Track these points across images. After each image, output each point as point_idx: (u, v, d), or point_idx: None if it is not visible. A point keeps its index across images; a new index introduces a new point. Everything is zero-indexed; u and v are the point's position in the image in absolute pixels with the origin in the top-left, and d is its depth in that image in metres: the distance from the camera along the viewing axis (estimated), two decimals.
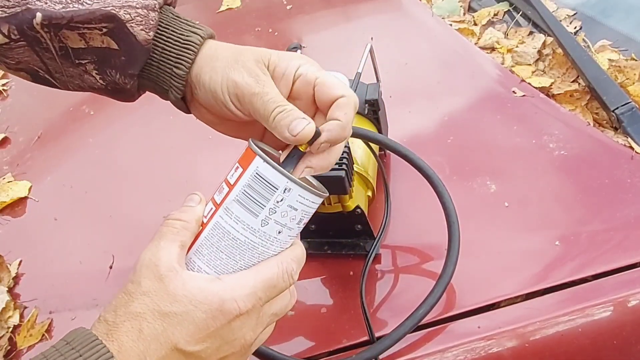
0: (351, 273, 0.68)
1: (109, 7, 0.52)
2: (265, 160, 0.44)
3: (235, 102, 0.51)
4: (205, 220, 0.47)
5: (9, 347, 0.73)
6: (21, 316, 0.76)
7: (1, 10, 0.52)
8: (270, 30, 1.19)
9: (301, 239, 0.71)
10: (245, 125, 0.55)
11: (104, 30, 0.53)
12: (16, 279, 0.81)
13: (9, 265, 0.82)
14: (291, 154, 0.48)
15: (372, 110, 0.74)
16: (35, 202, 0.94)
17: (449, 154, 0.80)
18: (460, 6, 1.16)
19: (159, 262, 0.44)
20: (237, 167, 0.46)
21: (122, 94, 0.58)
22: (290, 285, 0.48)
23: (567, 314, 0.60)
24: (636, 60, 0.90)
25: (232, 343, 0.45)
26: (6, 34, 0.52)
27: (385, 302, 0.65)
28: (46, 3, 0.52)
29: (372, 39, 1.05)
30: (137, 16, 0.54)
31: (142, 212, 0.71)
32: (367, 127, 0.75)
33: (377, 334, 0.61)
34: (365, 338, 0.61)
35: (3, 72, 1.34)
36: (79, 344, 0.41)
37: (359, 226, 0.68)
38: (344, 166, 0.61)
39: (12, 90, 1.27)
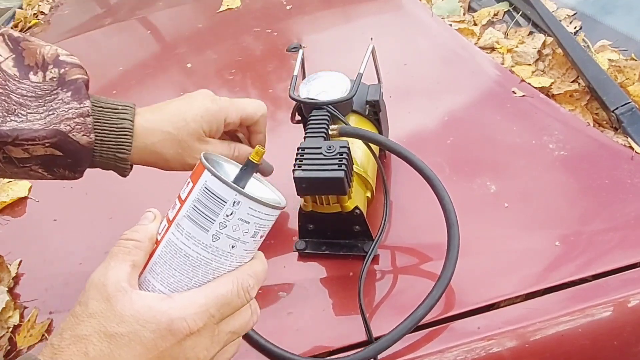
0: (351, 274, 0.68)
1: (50, 125, 0.57)
2: (213, 174, 0.44)
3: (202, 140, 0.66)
4: (159, 238, 0.47)
5: (9, 347, 0.73)
6: (21, 316, 0.76)
7: None
8: (270, 31, 1.19)
9: (300, 239, 0.71)
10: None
11: (47, 144, 0.58)
12: (16, 279, 0.81)
13: (9, 265, 0.82)
14: (245, 167, 0.47)
15: (372, 111, 0.74)
16: (35, 202, 0.94)
17: (449, 154, 0.81)
18: (460, 6, 1.16)
19: (107, 282, 0.44)
20: (189, 182, 0.46)
21: (71, 179, 0.64)
22: (247, 302, 0.47)
23: (567, 314, 0.60)
24: (636, 60, 0.90)
25: None
26: None
27: (384, 302, 0.65)
28: None
29: (372, 39, 1.05)
30: (77, 125, 0.59)
31: (142, 213, 0.71)
32: (368, 127, 0.75)
33: (375, 335, 0.61)
34: (365, 339, 0.61)
35: None
36: None
37: (358, 227, 0.68)
38: (343, 167, 0.61)
39: None
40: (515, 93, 0.87)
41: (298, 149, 0.64)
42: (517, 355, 0.59)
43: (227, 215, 0.44)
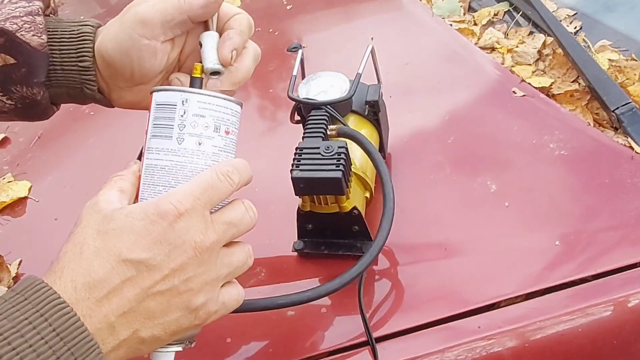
0: None
1: None
2: (158, 90, 0.49)
3: (145, 28, 0.53)
4: (140, 172, 0.50)
5: None
6: None
7: None
8: (270, 30, 1.19)
9: (298, 239, 0.71)
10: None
11: None
12: (16, 279, 0.81)
13: (9, 265, 0.82)
14: (193, 82, 0.51)
15: (372, 111, 0.74)
16: (36, 202, 0.94)
17: (450, 154, 0.80)
18: (460, 6, 1.16)
19: (98, 201, 0.46)
20: (147, 115, 0.50)
21: (34, 109, 0.58)
22: (231, 186, 0.47)
23: (567, 314, 0.60)
24: (636, 60, 0.90)
25: (182, 247, 0.44)
26: None
27: (383, 302, 0.65)
28: None
29: (372, 39, 1.05)
30: (24, 24, 0.54)
31: None
32: (367, 128, 0.75)
33: (375, 335, 0.61)
34: (364, 339, 0.61)
35: None
36: (21, 287, 0.41)
37: (356, 227, 0.68)
38: (340, 167, 0.61)
39: None
40: (515, 93, 0.87)
41: (296, 149, 0.64)
42: (518, 354, 0.59)
43: (181, 116, 0.48)
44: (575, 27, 1.02)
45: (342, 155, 0.62)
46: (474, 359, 0.59)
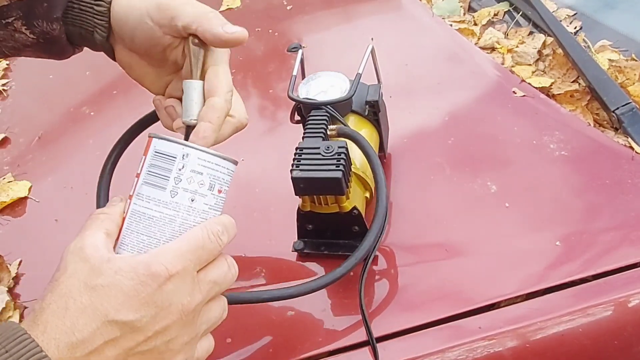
0: (350, 273, 0.68)
1: None
2: (160, 138, 0.48)
3: (159, 15, 0.53)
4: (125, 215, 0.49)
5: None
6: (21, 316, 0.76)
7: None
8: (270, 31, 1.19)
9: (298, 239, 0.71)
10: (159, 68, 0.58)
11: None
12: (16, 279, 0.81)
13: (9, 265, 0.82)
14: (186, 134, 0.51)
15: (372, 111, 0.74)
16: (36, 202, 0.94)
17: (450, 155, 0.80)
18: (460, 6, 1.16)
19: (84, 246, 0.45)
20: (141, 158, 0.49)
21: (54, 45, 0.59)
22: (220, 247, 0.47)
23: (567, 314, 0.60)
24: (636, 61, 0.90)
25: (169, 309, 0.44)
26: None
27: (383, 302, 0.65)
28: None
29: (372, 39, 1.05)
30: None
31: None
32: (367, 128, 0.75)
33: (375, 335, 0.61)
34: (364, 339, 0.61)
35: (3, 72, 1.35)
36: (2, 338, 0.40)
37: (356, 227, 0.68)
38: (340, 167, 0.61)
39: (12, 90, 1.27)
40: (515, 93, 0.87)
41: (296, 149, 0.64)
42: (518, 354, 0.59)
43: (179, 170, 0.47)
44: (575, 27, 1.02)
45: (342, 155, 0.61)
46: (474, 359, 0.59)
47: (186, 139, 0.51)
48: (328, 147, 0.62)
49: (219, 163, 0.48)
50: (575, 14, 1.05)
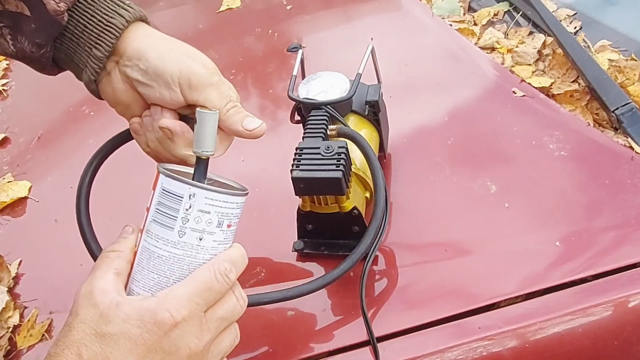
0: (351, 274, 0.68)
1: None
2: (167, 175, 0.47)
3: (183, 86, 0.55)
4: (136, 249, 0.49)
5: (9, 347, 0.73)
6: (21, 316, 0.76)
7: None
8: (270, 31, 1.19)
9: (298, 239, 0.71)
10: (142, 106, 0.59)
11: None
12: (16, 279, 0.81)
13: (9, 265, 0.82)
14: (197, 166, 0.49)
15: (372, 111, 0.74)
16: (35, 202, 0.94)
17: (450, 155, 0.80)
18: (460, 6, 1.16)
19: (94, 290, 0.46)
20: (151, 192, 0.48)
21: (34, 63, 0.58)
22: (228, 285, 0.48)
23: (567, 314, 0.60)
24: (636, 61, 0.90)
25: (176, 354, 0.45)
26: None
27: (382, 303, 0.65)
28: None
29: (372, 39, 1.05)
30: None
31: (142, 213, 0.71)
32: (367, 128, 0.75)
33: (375, 335, 0.61)
34: (365, 338, 0.61)
35: (3, 72, 1.35)
36: None
37: (356, 227, 0.68)
38: (340, 167, 0.61)
39: (12, 90, 1.27)
40: (515, 93, 0.87)
41: (296, 149, 0.64)
42: (518, 355, 0.59)
43: (186, 210, 0.46)
44: (575, 27, 1.02)
45: (342, 155, 0.61)
46: (474, 359, 0.59)
47: (196, 171, 0.49)
48: (328, 147, 0.62)
49: (227, 200, 0.47)
50: (575, 14, 1.05)
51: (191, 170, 0.50)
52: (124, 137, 0.66)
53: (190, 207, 0.46)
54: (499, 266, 0.66)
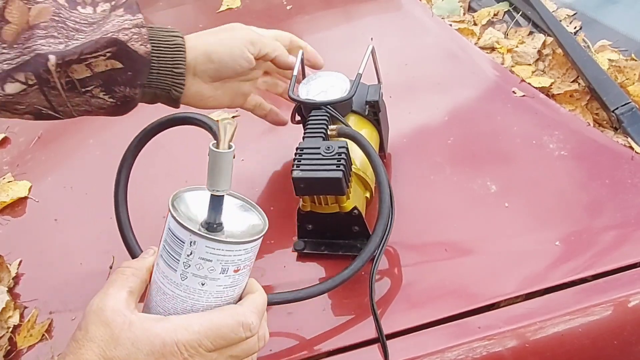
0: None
1: (108, 34, 0.59)
2: (173, 216, 0.45)
3: (251, 48, 0.69)
4: (151, 271, 0.49)
5: (9, 347, 0.73)
6: (21, 316, 0.76)
7: (6, 63, 0.56)
8: None
9: (298, 239, 0.71)
10: (236, 87, 0.73)
11: (108, 55, 0.59)
12: (16, 279, 0.81)
13: (9, 265, 0.82)
14: (211, 204, 0.47)
15: (372, 111, 0.74)
16: (35, 202, 0.94)
17: (450, 155, 0.80)
18: (460, 6, 1.16)
19: (105, 307, 0.46)
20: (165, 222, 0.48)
21: (128, 105, 0.65)
22: (246, 338, 0.47)
23: (567, 314, 0.60)
24: (636, 60, 0.90)
25: None
26: (24, 81, 0.57)
27: (382, 302, 0.65)
28: (50, 45, 0.57)
29: (372, 39, 1.05)
30: (133, 35, 0.61)
31: (142, 213, 0.71)
32: (368, 128, 0.75)
33: (374, 334, 0.61)
34: (365, 338, 0.61)
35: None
36: None
37: (356, 227, 0.67)
38: (341, 167, 0.61)
39: None
40: (515, 93, 0.87)
41: (297, 149, 0.64)
42: (518, 354, 0.59)
43: (187, 255, 0.45)
44: (575, 27, 1.02)
45: (343, 155, 0.61)
46: (474, 359, 0.59)
47: (209, 209, 0.47)
48: (328, 147, 0.62)
49: (231, 249, 0.46)
50: (575, 14, 1.05)
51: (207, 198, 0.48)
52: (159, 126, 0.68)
53: (191, 253, 0.45)
54: (499, 266, 0.66)
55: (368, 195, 0.72)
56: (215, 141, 0.46)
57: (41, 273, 0.82)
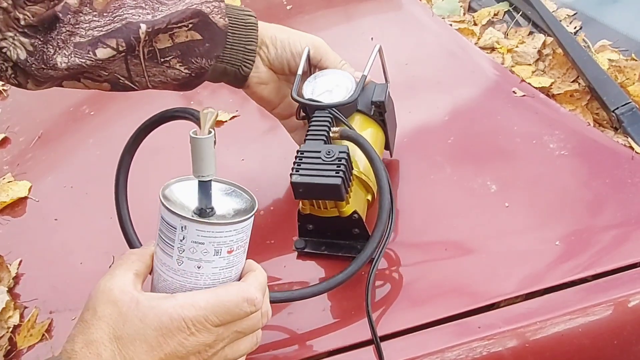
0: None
1: (193, 5, 0.62)
2: (163, 204, 0.47)
3: (311, 55, 0.70)
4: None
5: (9, 347, 0.73)
6: (21, 316, 0.76)
7: (97, 30, 0.59)
8: None
9: (299, 237, 0.71)
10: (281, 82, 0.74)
11: (190, 26, 0.62)
12: (16, 279, 0.81)
13: (9, 265, 0.82)
14: (200, 190, 0.49)
15: (378, 111, 0.73)
16: (35, 202, 0.94)
17: (450, 155, 0.80)
18: (460, 6, 1.16)
19: (113, 286, 0.46)
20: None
21: (200, 78, 0.67)
22: (251, 313, 0.48)
23: (567, 314, 0.60)
24: (636, 60, 0.90)
25: (187, 358, 0.46)
26: (114, 47, 0.59)
27: (382, 302, 0.65)
28: (139, 15, 0.60)
29: (372, 39, 1.05)
30: (214, 8, 0.64)
31: (142, 213, 0.71)
32: (373, 127, 0.73)
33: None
34: (365, 339, 0.61)
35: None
36: None
37: (357, 230, 0.67)
38: (340, 173, 0.60)
39: (12, 90, 1.27)
40: (515, 93, 0.87)
41: (297, 151, 0.63)
42: (518, 354, 0.59)
43: (180, 240, 0.46)
44: (575, 27, 1.02)
45: (343, 161, 0.61)
46: (474, 359, 0.59)
47: (199, 195, 0.49)
48: (329, 152, 0.61)
49: (221, 230, 0.47)
50: (575, 14, 1.05)
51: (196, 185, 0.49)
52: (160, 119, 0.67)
53: (184, 238, 0.46)
54: (499, 266, 0.66)
55: (370, 197, 0.71)
56: (195, 130, 0.48)
57: (41, 273, 0.82)
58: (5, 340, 0.73)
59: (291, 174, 0.62)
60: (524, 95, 0.86)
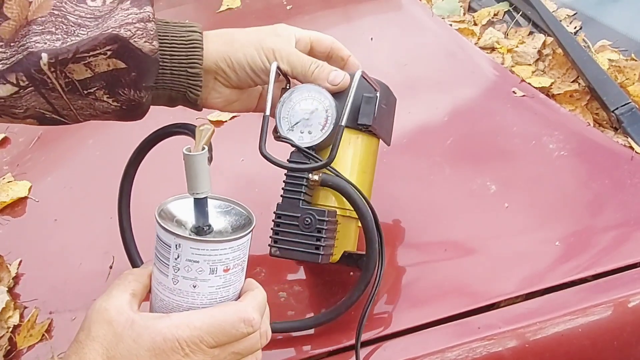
0: (351, 274, 0.68)
1: (108, 30, 0.53)
2: (158, 222, 0.46)
3: (268, 60, 0.60)
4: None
5: (9, 347, 0.73)
6: (21, 316, 0.76)
7: (1, 64, 0.52)
8: None
9: None
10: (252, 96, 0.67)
11: (109, 53, 0.54)
12: (16, 279, 0.81)
13: (9, 265, 0.82)
14: (195, 208, 0.48)
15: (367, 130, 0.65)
16: (35, 202, 0.94)
17: (449, 155, 0.80)
18: (460, 6, 1.16)
19: (110, 306, 0.46)
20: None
21: (136, 110, 0.59)
22: (248, 334, 0.47)
23: (567, 314, 0.60)
24: (636, 60, 0.90)
25: None
26: (15, 82, 0.53)
27: (382, 302, 0.65)
28: (45, 43, 0.52)
29: (372, 39, 1.05)
30: (137, 30, 0.54)
31: (142, 213, 0.71)
32: (362, 136, 0.66)
33: (374, 335, 0.61)
34: (365, 338, 0.61)
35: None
36: None
37: (351, 255, 0.65)
38: (321, 249, 0.57)
39: None
40: (515, 93, 0.87)
41: (274, 213, 0.60)
42: (517, 355, 0.59)
43: (175, 259, 0.46)
44: (575, 27, 1.02)
45: (323, 232, 0.57)
46: (474, 359, 0.59)
47: (195, 213, 0.48)
48: (306, 222, 0.57)
49: (216, 248, 0.46)
50: (575, 14, 1.05)
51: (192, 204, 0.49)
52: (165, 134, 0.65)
53: (178, 256, 0.46)
54: (499, 266, 0.66)
55: (360, 223, 0.61)
56: (189, 146, 0.47)
57: (41, 273, 0.82)
58: (5, 340, 0.73)
59: (269, 245, 0.59)
60: (523, 96, 0.86)
